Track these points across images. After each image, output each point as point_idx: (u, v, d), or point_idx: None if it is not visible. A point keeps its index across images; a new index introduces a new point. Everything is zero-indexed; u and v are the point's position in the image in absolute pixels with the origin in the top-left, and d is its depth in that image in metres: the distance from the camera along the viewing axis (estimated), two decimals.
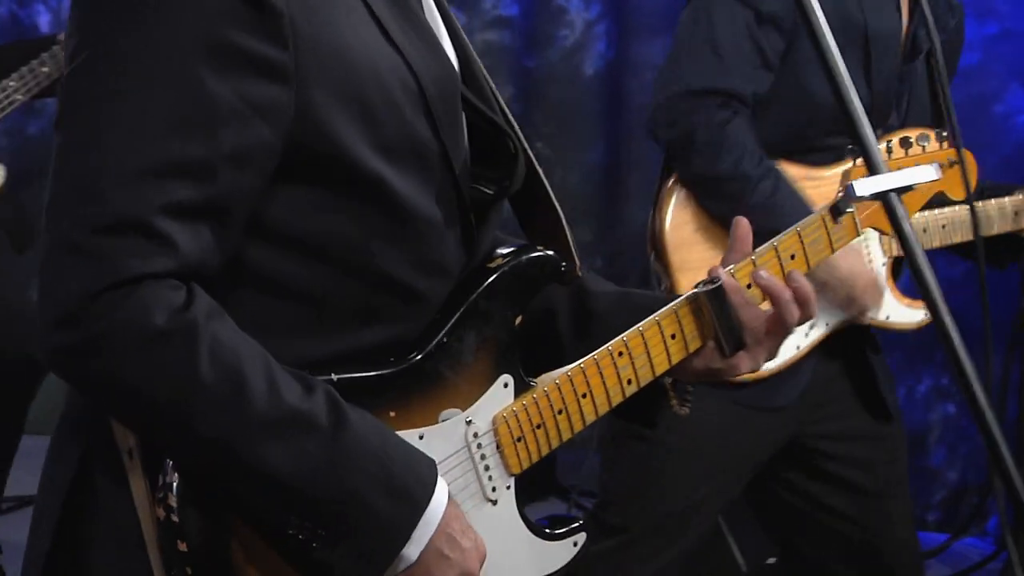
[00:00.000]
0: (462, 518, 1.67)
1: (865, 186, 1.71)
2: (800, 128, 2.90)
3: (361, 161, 1.62)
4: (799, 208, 2.78)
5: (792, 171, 2.89)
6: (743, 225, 1.94)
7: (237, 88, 1.53)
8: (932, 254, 1.72)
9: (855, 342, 3.03)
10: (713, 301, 1.86)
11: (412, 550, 1.62)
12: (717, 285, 1.85)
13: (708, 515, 3.06)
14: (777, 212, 2.76)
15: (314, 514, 1.57)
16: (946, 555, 4.86)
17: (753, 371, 1.91)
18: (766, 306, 1.89)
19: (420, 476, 1.64)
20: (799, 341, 2.92)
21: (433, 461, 1.66)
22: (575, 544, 1.87)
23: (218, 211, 1.55)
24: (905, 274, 3.13)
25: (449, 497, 1.66)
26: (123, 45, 1.53)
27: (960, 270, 5.04)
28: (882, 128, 2.91)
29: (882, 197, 1.70)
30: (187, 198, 1.52)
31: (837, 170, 2.90)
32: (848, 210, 1.97)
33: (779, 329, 1.88)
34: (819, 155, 2.92)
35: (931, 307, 1.64)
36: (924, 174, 1.74)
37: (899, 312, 3.04)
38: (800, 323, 1.89)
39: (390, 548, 1.61)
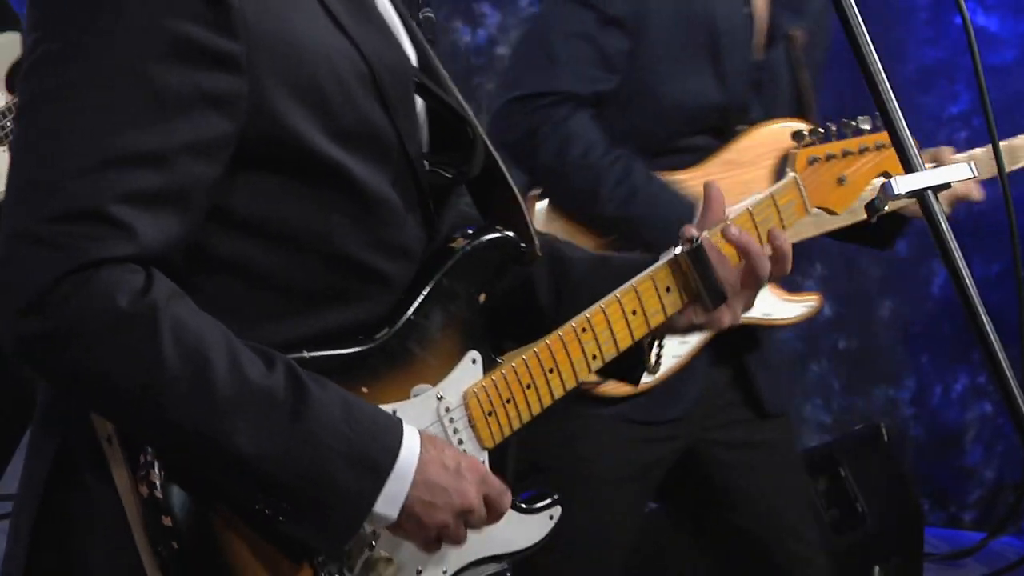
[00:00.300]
0: (443, 458, 1.70)
1: (903, 184, 1.72)
2: (653, 130, 2.85)
3: (318, 148, 1.66)
4: (658, 189, 2.76)
5: None
6: (714, 187, 1.97)
7: (191, 79, 1.57)
8: (968, 254, 1.72)
9: (735, 342, 2.94)
10: (694, 260, 1.90)
11: (389, 509, 1.66)
12: (697, 244, 1.90)
13: (623, 536, 2.97)
14: (636, 197, 2.75)
15: (278, 489, 1.61)
16: (982, 554, 4.85)
17: (733, 323, 1.96)
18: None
19: (383, 442, 1.67)
20: (677, 350, 2.85)
21: (399, 420, 1.70)
22: (551, 518, 1.91)
23: (177, 199, 1.58)
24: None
25: (424, 443, 1.69)
26: (80, 40, 1.57)
27: (996, 269, 5.02)
28: (745, 123, 2.86)
29: (919, 195, 1.70)
30: (144, 187, 1.55)
31: (699, 171, 2.84)
32: (885, 208, 1.98)
33: (752, 282, 1.94)
34: (678, 157, 2.86)
35: (967, 305, 1.64)
36: (959, 172, 1.74)
37: (777, 307, 2.97)
38: (774, 277, 1.95)
39: (353, 518, 1.65)
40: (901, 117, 1.72)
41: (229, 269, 1.67)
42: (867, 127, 2.17)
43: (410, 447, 1.68)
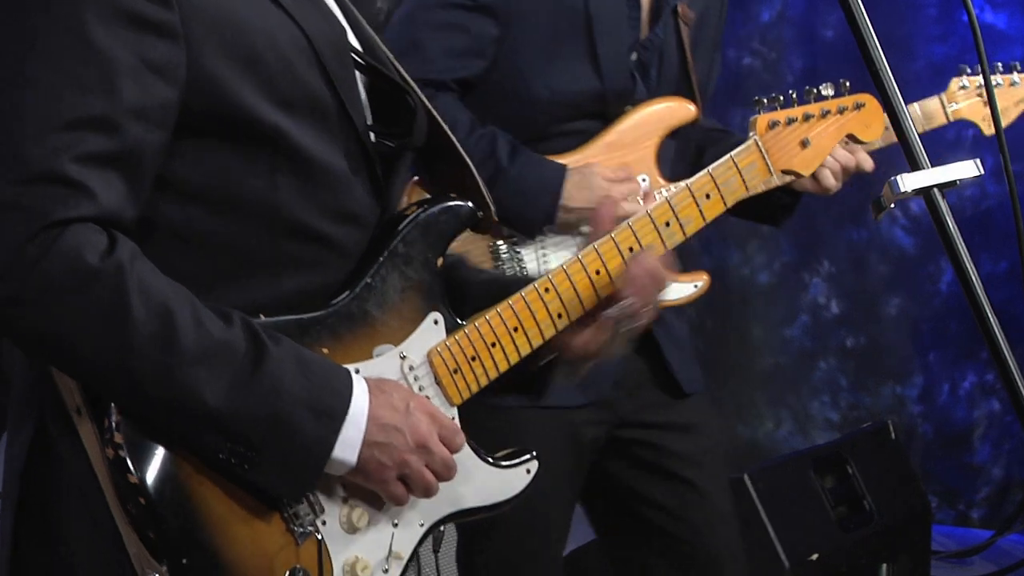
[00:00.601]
0: (392, 400, 1.76)
1: (909, 181, 1.72)
2: (530, 119, 2.81)
3: (259, 115, 1.71)
4: (523, 164, 2.71)
5: None
6: (602, 213, 2.00)
7: (130, 46, 1.64)
8: (975, 252, 1.72)
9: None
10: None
11: (347, 454, 1.73)
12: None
13: (559, 527, 2.96)
14: (500, 176, 2.70)
15: (241, 438, 1.67)
16: (990, 551, 4.85)
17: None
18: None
19: (336, 388, 1.73)
20: None
21: (346, 369, 1.76)
22: (528, 472, 1.95)
23: (127, 163, 1.64)
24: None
25: (371, 390, 1.75)
26: (22, 18, 1.63)
27: (1004, 266, 5.02)
28: (630, 103, 2.81)
29: (925, 192, 1.71)
30: (96, 149, 1.61)
31: (579, 155, 2.80)
32: (891, 205, 1.98)
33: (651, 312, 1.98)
34: (559, 141, 2.82)
35: (974, 303, 1.64)
36: (965, 170, 1.75)
37: (667, 289, 2.91)
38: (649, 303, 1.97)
39: (314, 464, 1.71)
40: (907, 114, 1.72)
41: (178, 236, 1.72)
42: (829, 93, 2.20)
43: (360, 392, 1.74)
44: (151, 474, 1.66)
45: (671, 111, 2.82)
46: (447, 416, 1.84)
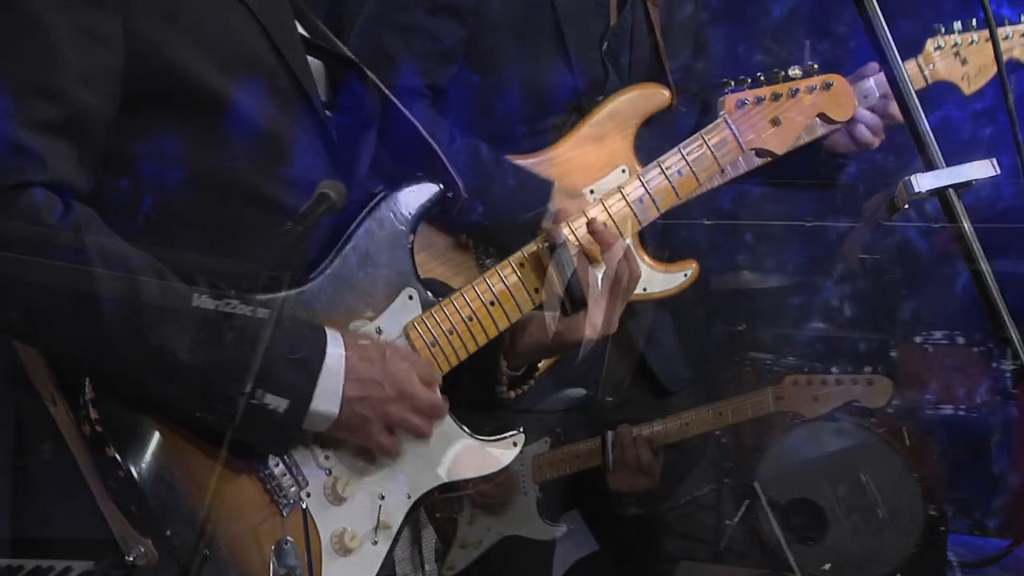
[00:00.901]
0: (368, 353, 1.78)
1: (924, 181, 1.73)
2: (505, 116, 2.78)
3: (206, 82, 1.73)
4: (508, 174, 2.67)
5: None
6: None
7: (69, 17, 1.68)
8: (992, 254, 1.70)
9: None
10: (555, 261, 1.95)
11: (328, 406, 1.74)
12: (562, 243, 1.95)
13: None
14: (486, 185, 2.65)
15: (217, 393, 1.66)
16: (1006, 561, 4.82)
17: (592, 336, 1.97)
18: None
19: (310, 341, 1.74)
20: None
21: (319, 324, 1.77)
22: (515, 444, 1.97)
23: (75, 129, 1.67)
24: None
25: (347, 343, 1.76)
26: None
27: (1022, 268, 4.98)
28: (602, 94, 2.77)
29: (939, 193, 1.69)
30: (44, 116, 1.64)
31: (557, 150, 2.76)
32: (905, 206, 1.96)
33: (615, 288, 1.97)
34: (535, 139, 2.78)
35: (990, 307, 1.63)
36: (981, 170, 1.73)
37: (655, 280, 2.83)
38: (630, 280, 1.97)
39: (293, 416, 1.72)
40: (922, 113, 1.71)
41: (134, 209, 1.72)
42: (797, 73, 2.24)
43: (334, 343, 1.75)
44: (129, 447, 1.66)
45: (644, 98, 2.79)
46: (422, 359, 1.86)
